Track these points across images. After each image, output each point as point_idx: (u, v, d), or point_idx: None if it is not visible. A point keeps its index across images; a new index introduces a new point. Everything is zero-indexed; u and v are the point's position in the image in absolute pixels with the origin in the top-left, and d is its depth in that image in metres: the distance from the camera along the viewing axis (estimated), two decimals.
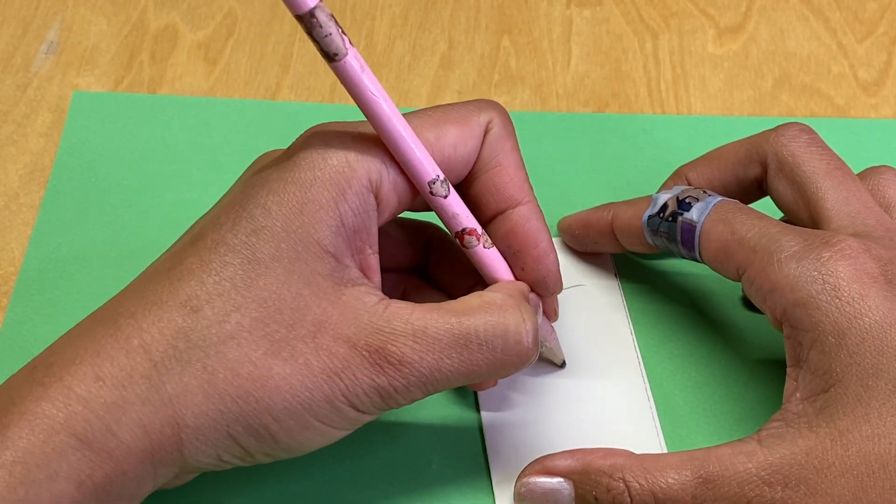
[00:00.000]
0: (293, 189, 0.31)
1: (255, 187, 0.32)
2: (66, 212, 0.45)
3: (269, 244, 0.30)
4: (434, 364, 0.31)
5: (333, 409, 0.31)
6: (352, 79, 0.31)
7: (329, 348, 0.30)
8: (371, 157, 0.32)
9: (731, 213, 0.37)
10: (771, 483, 0.32)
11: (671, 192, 0.39)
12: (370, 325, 0.31)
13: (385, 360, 0.31)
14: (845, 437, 0.32)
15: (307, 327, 0.30)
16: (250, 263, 0.30)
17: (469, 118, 0.34)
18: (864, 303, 0.33)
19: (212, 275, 0.30)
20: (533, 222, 0.35)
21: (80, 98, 0.50)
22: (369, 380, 0.31)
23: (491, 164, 0.35)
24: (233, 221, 0.31)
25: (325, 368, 0.30)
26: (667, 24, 0.55)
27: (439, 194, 0.33)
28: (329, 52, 0.30)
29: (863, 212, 0.36)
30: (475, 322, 0.32)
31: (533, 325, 0.33)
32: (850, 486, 0.31)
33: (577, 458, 0.35)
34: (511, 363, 0.33)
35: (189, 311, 0.30)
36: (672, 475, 0.33)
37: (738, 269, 0.36)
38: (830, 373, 0.33)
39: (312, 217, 0.31)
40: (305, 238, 0.31)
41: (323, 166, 0.31)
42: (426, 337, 0.31)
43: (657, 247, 0.40)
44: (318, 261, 0.31)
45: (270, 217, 0.31)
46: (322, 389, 0.30)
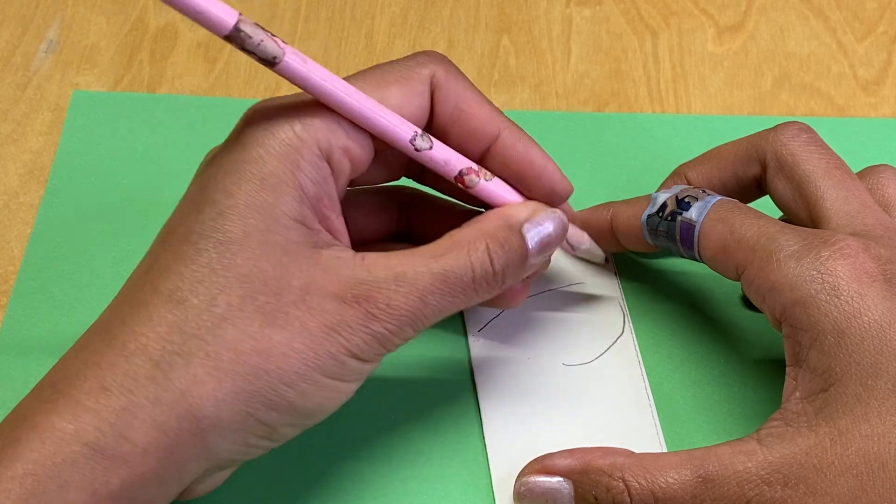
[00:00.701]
0: (247, 167, 0.31)
1: (209, 175, 0.32)
2: (66, 211, 0.45)
3: (236, 223, 0.31)
4: (419, 303, 0.32)
5: (338, 364, 0.31)
6: (298, 75, 0.31)
7: (320, 307, 0.31)
8: (316, 124, 0.32)
9: (731, 213, 0.37)
10: (770, 482, 0.32)
11: (670, 191, 0.39)
12: (353, 278, 0.31)
13: (375, 307, 0.31)
14: (845, 437, 0.32)
15: (295, 292, 0.31)
16: (223, 245, 0.30)
17: (410, 75, 0.34)
18: (864, 302, 0.33)
19: (189, 265, 0.30)
20: (518, 145, 0.36)
21: (79, 97, 0.50)
22: (365, 328, 0.31)
23: (454, 113, 0.35)
24: (196, 210, 0.31)
25: (322, 326, 0.31)
26: (666, 23, 0.55)
27: (424, 148, 0.33)
28: (268, 58, 0.30)
29: (862, 211, 0.36)
30: (448, 261, 0.33)
31: (502, 251, 0.33)
32: (850, 485, 0.31)
33: (577, 458, 0.35)
34: (484, 289, 0.34)
35: (175, 303, 0.30)
36: (672, 474, 0.33)
37: (738, 269, 0.36)
38: (830, 372, 0.33)
39: (274, 191, 0.31)
40: (272, 211, 0.31)
41: (272, 141, 0.31)
42: (407, 280, 0.32)
43: (656, 246, 0.40)
44: (290, 230, 0.31)
45: (232, 197, 0.31)
46: (324, 347, 0.31)
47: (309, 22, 0.54)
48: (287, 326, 0.30)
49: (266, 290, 0.30)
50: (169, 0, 0.28)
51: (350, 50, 0.53)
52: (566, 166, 0.48)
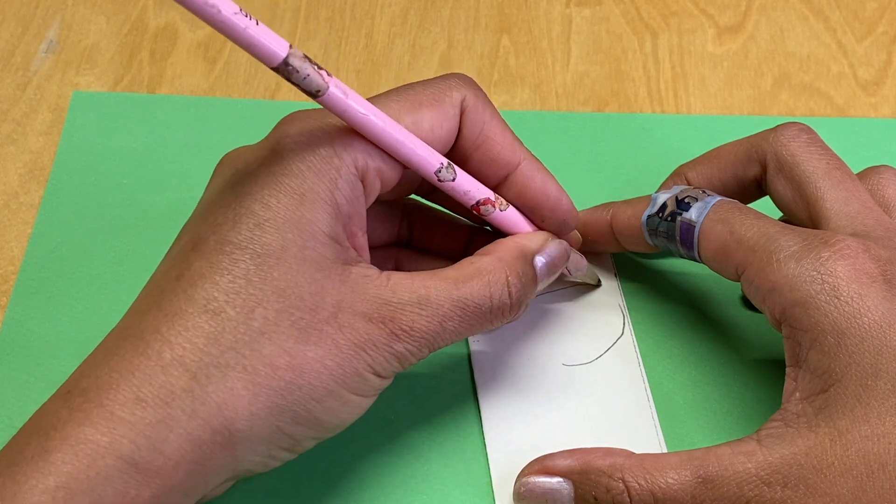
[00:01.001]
0: (287, 181, 0.31)
1: (244, 184, 0.32)
2: (66, 211, 0.45)
3: (274, 236, 0.31)
4: (438, 328, 0.33)
5: (362, 380, 0.32)
6: (339, 107, 0.31)
7: (350, 325, 0.31)
8: (354, 144, 0.32)
9: (730, 213, 0.37)
10: (770, 483, 0.32)
11: (670, 191, 0.39)
12: (379, 298, 0.32)
13: (399, 328, 0.32)
14: (844, 437, 0.32)
15: (328, 309, 0.31)
16: (260, 257, 0.31)
17: (442, 99, 0.34)
18: (863, 302, 0.33)
19: (224, 275, 0.30)
20: (537, 176, 0.37)
21: (79, 98, 0.50)
22: (388, 347, 0.32)
23: (479, 139, 0.35)
24: (232, 220, 0.31)
25: (351, 344, 0.31)
26: (666, 24, 0.55)
27: (447, 179, 0.34)
28: (312, 91, 0.31)
29: (862, 212, 0.36)
30: (470, 289, 0.33)
31: (519, 283, 0.35)
32: (850, 485, 0.31)
33: (577, 458, 0.35)
34: (498, 318, 0.35)
35: (212, 314, 0.30)
36: (671, 475, 0.33)
37: (738, 269, 0.36)
38: (830, 373, 0.33)
39: (311, 207, 0.31)
40: (309, 227, 0.31)
41: (312, 157, 0.32)
42: (429, 305, 0.33)
43: (656, 246, 0.40)
44: (324, 246, 0.31)
45: (270, 210, 0.31)
46: (351, 364, 0.31)
47: (309, 22, 0.54)
48: (320, 343, 0.31)
49: (301, 306, 0.31)
50: (222, 29, 0.29)
51: (350, 50, 0.53)
52: (566, 166, 0.48)
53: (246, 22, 0.29)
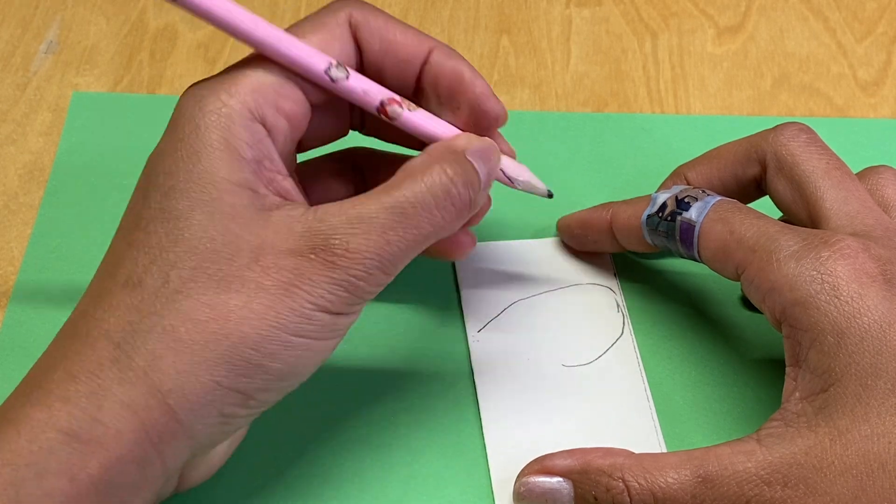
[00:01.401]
0: (182, 145, 0.31)
1: (151, 162, 0.33)
2: (66, 212, 0.45)
3: (180, 200, 0.31)
4: (381, 241, 0.31)
5: (306, 319, 0.31)
6: (205, 5, 0.31)
7: (275, 265, 0.30)
8: (244, 88, 0.32)
9: (730, 213, 0.37)
10: (770, 482, 0.32)
11: (670, 191, 0.39)
12: (307, 231, 0.31)
13: (333, 254, 0.31)
14: (844, 437, 0.32)
15: (247, 255, 0.30)
16: (170, 222, 0.31)
17: (325, 22, 0.34)
18: (863, 302, 0.33)
19: (141, 249, 0.31)
20: (448, 61, 0.35)
21: (79, 98, 0.50)
22: (326, 278, 0.31)
23: (381, 47, 0.35)
24: (143, 197, 0.32)
25: (279, 284, 0.30)
26: (666, 24, 0.55)
27: (340, 78, 0.33)
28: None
29: (862, 211, 0.36)
30: (403, 191, 0.32)
31: (458, 173, 0.33)
32: (850, 485, 0.31)
33: (577, 458, 0.35)
34: (452, 214, 0.33)
35: (132, 287, 0.30)
36: (671, 475, 0.33)
37: (738, 269, 0.36)
38: (829, 372, 0.33)
39: (210, 160, 0.31)
40: (212, 179, 0.31)
41: (201, 114, 0.32)
42: (362, 220, 0.31)
43: (656, 246, 0.40)
44: (234, 195, 0.31)
45: (172, 176, 0.31)
46: (285, 304, 0.30)
47: None
48: (242, 289, 0.30)
49: (217, 259, 0.30)
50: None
51: None
52: (566, 167, 0.48)
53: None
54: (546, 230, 0.45)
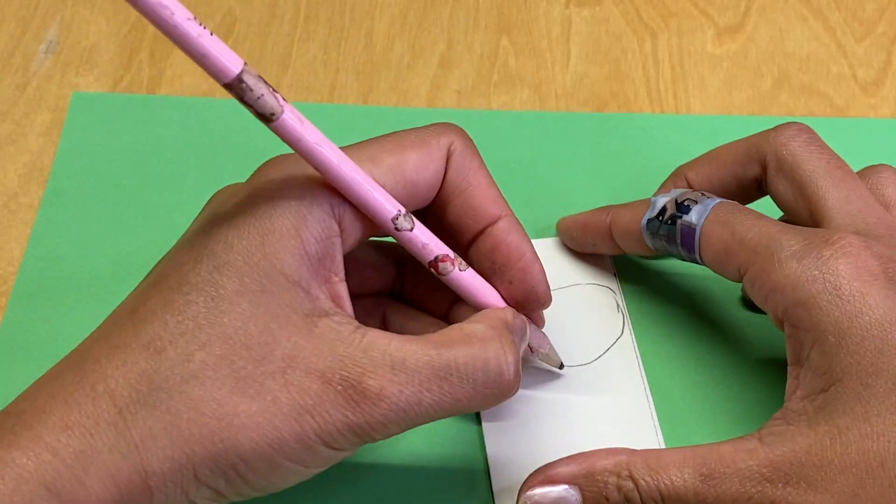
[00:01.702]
0: (253, 220, 0.30)
1: (214, 224, 0.31)
2: (66, 212, 0.45)
3: (232, 280, 0.29)
4: (413, 397, 0.30)
5: (305, 448, 0.29)
6: (293, 135, 0.30)
7: (300, 384, 0.29)
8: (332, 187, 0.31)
9: (731, 215, 0.37)
10: (772, 480, 0.32)
11: (669, 194, 0.39)
12: (346, 358, 0.29)
13: (361, 395, 0.29)
14: (844, 435, 0.32)
15: (276, 363, 0.29)
16: (214, 300, 0.29)
17: (428, 141, 0.33)
18: (865, 301, 0.33)
19: (175, 314, 0.29)
20: (514, 234, 0.35)
21: (79, 99, 0.50)
22: (343, 416, 0.29)
23: (461, 185, 0.34)
24: (195, 260, 0.30)
25: (295, 405, 0.29)
26: (666, 24, 0.55)
27: (404, 228, 0.32)
28: (265, 113, 0.29)
29: (864, 210, 0.36)
30: (456, 354, 0.31)
31: (514, 356, 0.32)
32: (850, 483, 0.32)
33: (580, 463, 0.35)
34: (493, 396, 0.32)
35: (152, 352, 0.29)
36: (675, 473, 0.33)
37: (740, 270, 0.36)
38: (831, 372, 0.33)
39: (274, 247, 0.30)
40: (269, 269, 0.30)
41: (282, 195, 0.31)
42: (405, 369, 0.30)
43: (656, 249, 0.40)
44: (286, 293, 0.30)
45: (232, 252, 0.30)
46: (291, 428, 0.29)
47: (308, 22, 0.54)
48: (257, 397, 0.29)
49: (246, 356, 0.29)
50: (177, 43, 0.27)
51: (350, 50, 0.53)
52: (566, 167, 0.48)
53: (199, 30, 0.27)
54: (546, 230, 0.45)
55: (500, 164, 0.48)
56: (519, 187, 0.47)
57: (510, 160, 0.48)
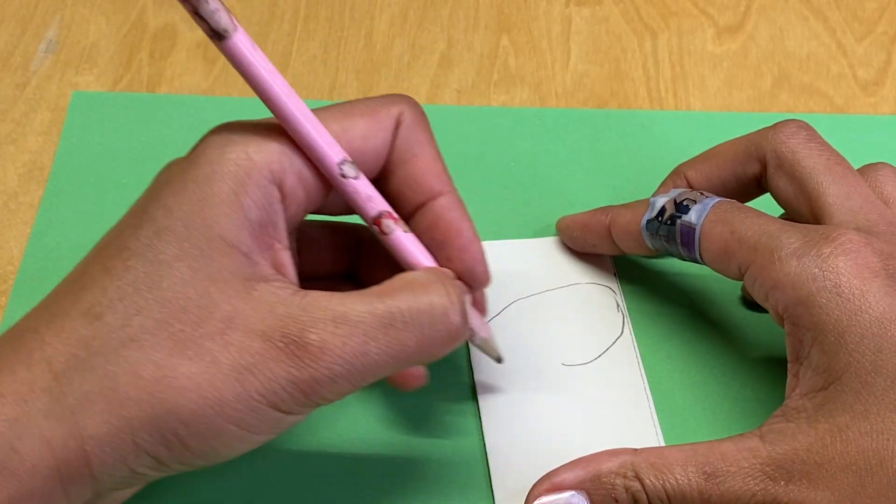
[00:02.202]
0: (192, 186, 0.30)
1: (157, 189, 0.31)
2: (65, 211, 0.45)
3: (171, 244, 0.29)
4: (359, 348, 0.29)
5: (249, 410, 0.29)
6: (245, 57, 0.29)
7: (240, 342, 0.29)
8: (272, 147, 0.31)
9: (730, 213, 0.37)
10: (774, 478, 0.33)
11: (668, 195, 0.39)
12: (286, 315, 0.29)
13: (304, 350, 0.29)
14: (844, 433, 0.32)
15: (216, 324, 0.29)
16: (153, 265, 0.29)
17: (377, 110, 0.33)
18: (865, 299, 0.33)
19: (114, 280, 0.29)
20: (454, 212, 0.34)
21: (79, 98, 0.50)
22: (287, 373, 0.29)
23: (406, 156, 0.34)
24: (135, 226, 0.30)
25: (236, 364, 0.28)
26: (666, 24, 0.55)
27: (350, 176, 0.32)
28: (218, 29, 0.29)
29: (864, 206, 0.36)
30: (398, 301, 0.30)
31: (459, 299, 0.31)
32: (850, 481, 0.32)
33: (584, 467, 0.35)
34: (441, 340, 0.31)
35: (91, 318, 0.29)
36: (678, 472, 0.34)
37: (740, 268, 0.36)
38: (831, 370, 0.33)
39: (214, 212, 0.30)
40: (208, 234, 0.29)
41: (221, 160, 0.30)
42: (348, 320, 0.29)
43: (656, 250, 0.40)
44: (225, 257, 0.29)
45: (171, 216, 0.30)
46: (233, 387, 0.28)
47: (308, 22, 0.54)
48: (196, 359, 0.28)
49: (184, 318, 0.29)
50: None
51: (350, 50, 0.53)
52: (565, 164, 0.48)
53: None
54: (546, 230, 0.45)
55: (500, 162, 0.48)
56: (519, 185, 0.47)
57: (510, 157, 0.48)
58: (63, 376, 0.28)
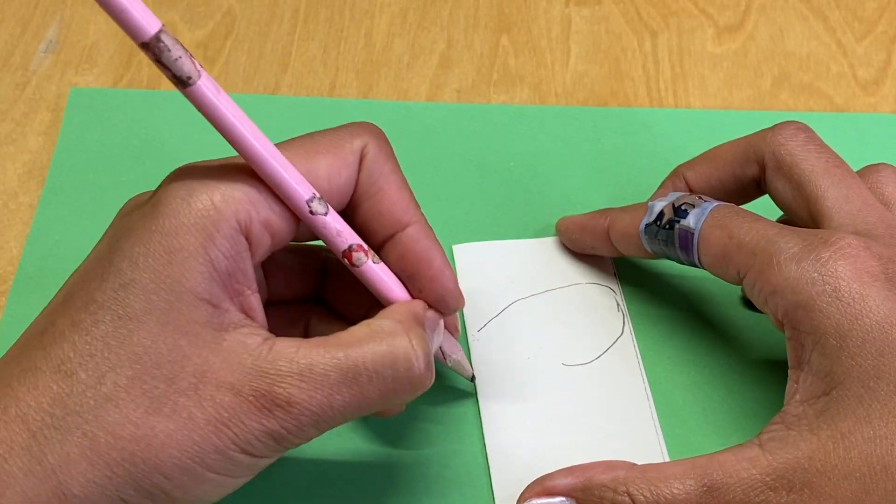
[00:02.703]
0: (158, 238, 0.30)
1: (120, 238, 0.31)
2: (64, 208, 0.45)
3: (139, 298, 0.29)
4: (324, 401, 0.30)
5: (226, 459, 0.30)
6: (209, 102, 0.29)
7: (213, 398, 0.29)
8: (238, 195, 0.30)
9: (728, 218, 0.37)
10: (776, 488, 0.32)
11: (667, 198, 0.39)
12: (254, 369, 0.30)
13: (273, 403, 0.29)
14: (847, 440, 0.32)
15: (188, 379, 0.29)
16: (122, 320, 0.29)
17: (341, 145, 0.33)
18: (865, 303, 0.33)
19: (83, 335, 0.29)
20: (423, 242, 0.34)
21: (77, 94, 0.50)
22: (259, 425, 0.29)
23: (371, 190, 0.33)
24: (101, 277, 0.30)
25: (211, 419, 0.29)
26: (666, 23, 0.55)
27: (319, 212, 0.32)
28: (182, 76, 0.29)
29: (863, 209, 0.36)
30: (363, 353, 0.31)
31: (423, 349, 0.32)
32: (853, 488, 0.31)
33: (577, 476, 0.35)
34: (404, 390, 0.32)
35: (63, 375, 0.29)
36: (676, 485, 0.33)
37: (739, 273, 0.36)
38: (832, 375, 0.33)
39: (182, 266, 0.29)
40: (177, 288, 0.29)
41: (187, 211, 0.30)
42: (313, 374, 0.30)
43: (655, 254, 0.40)
44: (194, 309, 0.29)
45: (138, 269, 0.29)
46: (210, 441, 0.29)
47: (308, 22, 0.54)
48: (173, 416, 0.29)
49: (157, 374, 0.29)
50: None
51: (349, 50, 0.53)
52: (565, 163, 0.48)
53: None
54: (546, 230, 0.45)
55: (500, 160, 0.48)
56: (518, 184, 0.47)
57: (509, 156, 0.48)
58: (41, 434, 0.28)
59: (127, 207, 0.33)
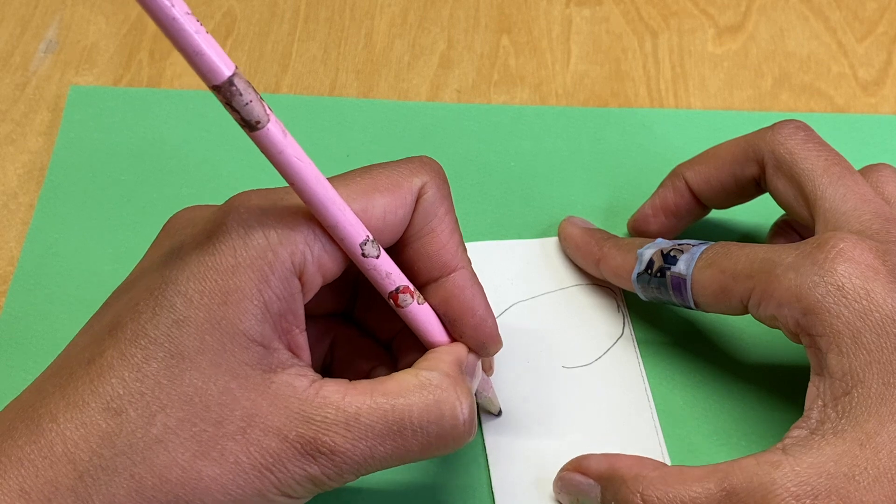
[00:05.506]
0: (214, 276, 0.29)
1: (173, 270, 0.30)
2: (63, 207, 0.45)
3: (192, 337, 0.29)
4: (367, 451, 0.30)
5: (265, 501, 0.30)
6: (276, 146, 0.29)
7: (259, 443, 0.29)
8: (293, 237, 0.30)
9: (719, 256, 0.36)
10: (799, 495, 0.31)
11: (654, 245, 0.39)
12: (300, 415, 0.30)
13: (317, 451, 0.30)
14: (874, 440, 0.31)
15: (236, 423, 0.29)
16: (174, 358, 0.29)
17: (400, 184, 0.32)
18: (871, 298, 0.32)
19: (134, 371, 0.29)
20: (468, 290, 0.34)
21: (77, 93, 0.50)
22: (301, 470, 0.30)
23: (424, 230, 0.33)
24: (153, 311, 0.29)
25: (256, 464, 0.29)
26: (666, 24, 0.55)
27: (371, 255, 0.31)
28: (251, 121, 0.28)
29: (859, 207, 0.36)
30: (409, 405, 0.30)
31: (470, 405, 0.31)
32: (885, 490, 0.30)
33: (608, 463, 0.35)
34: (446, 445, 0.31)
35: (112, 413, 0.28)
36: (696, 488, 0.32)
37: (742, 301, 0.35)
38: (851, 373, 0.32)
39: (237, 307, 0.29)
40: (231, 329, 0.29)
41: (244, 251, 0.30)
42: (358, 425, 0.30)
43: (649, 300, 0.40)
44: (245, 351, 0.29)
45: (192, 307, 0.29)
46: (253, 485, 0.29)
47: (308, 22, 0.54)
48: (220, 460, 0.29)
49: (206, 417, 0.29)
50: (172, 38, 0.27)
51: (349, 50, 0.53)
52: (566, 163, 0.48)
53: (197, 26, 0.26)
54: (547, 230, 0.45)
55: (500, 160, 0.48)
56: (519, 184, 0.47)
57: (510, 156, 0.48)
58: (87, 475, 0.28)
59: (179, 223, 0.33)
